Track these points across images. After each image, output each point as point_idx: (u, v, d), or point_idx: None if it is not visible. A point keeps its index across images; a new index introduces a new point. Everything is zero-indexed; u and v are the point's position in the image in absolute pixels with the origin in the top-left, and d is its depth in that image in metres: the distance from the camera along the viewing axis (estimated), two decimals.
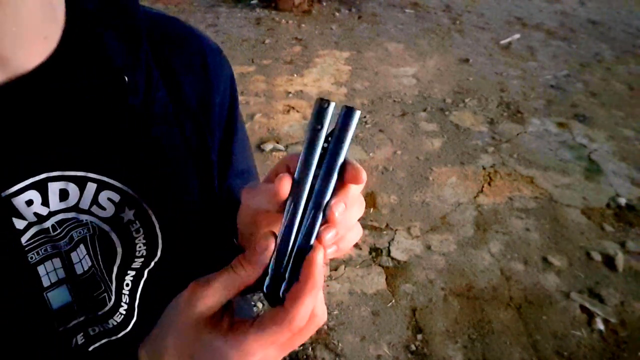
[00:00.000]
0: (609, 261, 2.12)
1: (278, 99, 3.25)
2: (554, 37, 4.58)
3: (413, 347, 1.74)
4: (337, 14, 4.81)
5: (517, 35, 4.51)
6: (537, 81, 3.67)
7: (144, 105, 0.45)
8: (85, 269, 0.45)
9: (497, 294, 1.96)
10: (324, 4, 4.98)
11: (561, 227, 2.30)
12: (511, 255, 2.14)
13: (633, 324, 1.85)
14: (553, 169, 2.71)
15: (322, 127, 0.33)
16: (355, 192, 0.35)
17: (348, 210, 0.34)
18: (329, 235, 0.33)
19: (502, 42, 4.38)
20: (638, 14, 5.27)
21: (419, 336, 1.78)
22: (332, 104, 0.33)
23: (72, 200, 0.42)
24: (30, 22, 0.36)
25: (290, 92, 3.34)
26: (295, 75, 3.59)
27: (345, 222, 0.35)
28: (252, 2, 4.86)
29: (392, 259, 2.10)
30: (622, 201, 2.47)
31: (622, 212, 2.42)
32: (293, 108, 3.16)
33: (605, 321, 1.85)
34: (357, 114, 0.33)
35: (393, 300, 1.91)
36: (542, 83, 3.64)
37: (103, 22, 0.42)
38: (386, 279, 2.00)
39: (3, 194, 0.38)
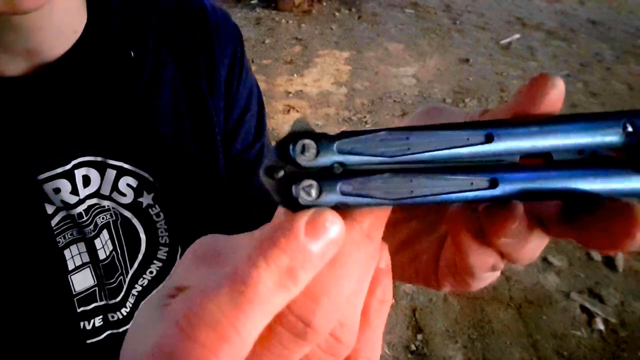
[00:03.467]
0: (609, 261, 2.12)
1: (278, 99, 3.25)
2: (554, 37, 4.58)
3: (413, 347, 1.74)
4: (337, 14, 4.81)
5: (517, 35, 4.51)
6: None
7: (153, 85, 0.46)
8: (107, 254, 0.46)
9: (497, 294, 1.96)
10: (324, 4, 4.98)
11: None
12: None
13: (633, 324, 1.85)
14: None
15: None
16: None
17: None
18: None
19: (502, 42, 4.38)
20: (638, 14, 5.27)
21: (419, 336, 1.78)
22: None
23: (94, 186, 0.44)
24: (64, 19, 0.39)
25: (290, 92, 3.34)
26: (295, 75, 3.59)
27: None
28: (252, 2, 4.86)
29: None
30: None
31: None
32: (293, 108, 3.16)
33: (605, 321, 1.85)
34: None
35: (393, 300, 1.91)
36: None
37: (114, 5, 0.44)
38: None
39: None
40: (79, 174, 0.42)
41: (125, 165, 0.44)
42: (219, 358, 0.14)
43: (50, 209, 0.41)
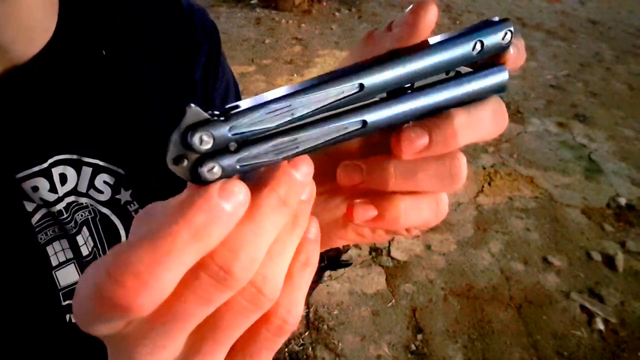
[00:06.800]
0: (609, 261, 2.12)
1: None
2: (554, 37, 4.58)
3: (413, 347, 1.74)
4: (337, 14, 4.81)
5: None
6: (537, 81, 3.66)
7: (128, 83, 0.46)
8: (90, 250, 0.46)
9: (497, 294, 1.96)
10: (324, 4, 4.98)
11: (561, 227, 2.30)
12: (511, 255, 2.14)
13: (633, 324, 1.85)
14: (553, 169, 2.71)
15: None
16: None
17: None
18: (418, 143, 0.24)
19: None
20: (638, 14, 5.27)
21: (419, 336, 1.78)
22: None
23: (70, 183, 0.44)
24: (32, 15, 0.38)
25: None
26: (295, 75, 3.59)
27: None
28: (252, 2, 4.86)
29: (392, 258, 2.10)
30: (622, 201, 2.47)
31: (622, 212, 2.42)
32: None
33: (605, 321, 1.85)
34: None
35: (393, 300, 1.91)
36: (542, 83, 3.64)
37: (87, 2, 0.44)
38: (386, 279, 2.00)
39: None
40: (56, 172, 0.42)
41: (101, 163, 0.45)
42: (140, 298, 0.17)
43: (30, 207, 0.42)
